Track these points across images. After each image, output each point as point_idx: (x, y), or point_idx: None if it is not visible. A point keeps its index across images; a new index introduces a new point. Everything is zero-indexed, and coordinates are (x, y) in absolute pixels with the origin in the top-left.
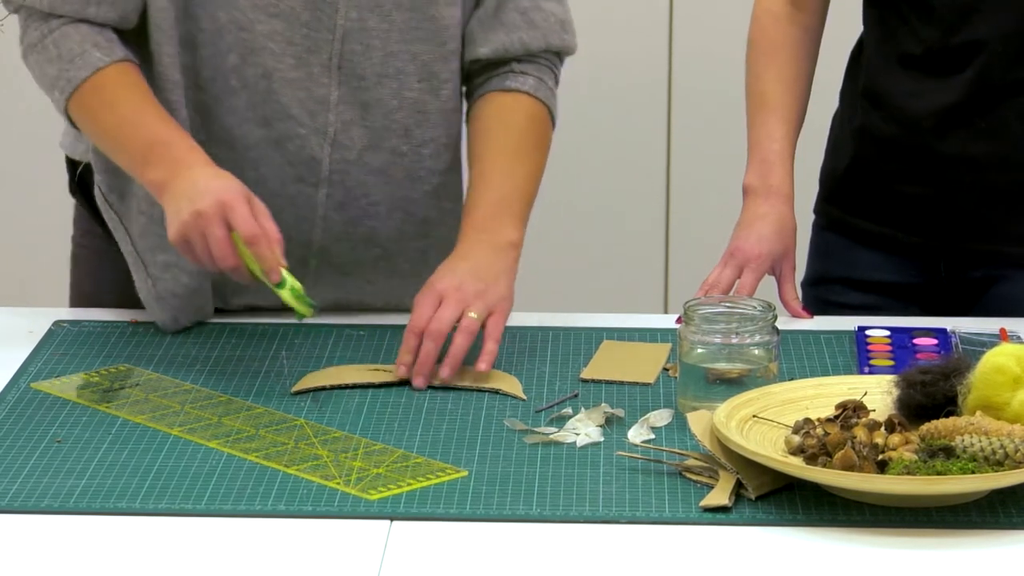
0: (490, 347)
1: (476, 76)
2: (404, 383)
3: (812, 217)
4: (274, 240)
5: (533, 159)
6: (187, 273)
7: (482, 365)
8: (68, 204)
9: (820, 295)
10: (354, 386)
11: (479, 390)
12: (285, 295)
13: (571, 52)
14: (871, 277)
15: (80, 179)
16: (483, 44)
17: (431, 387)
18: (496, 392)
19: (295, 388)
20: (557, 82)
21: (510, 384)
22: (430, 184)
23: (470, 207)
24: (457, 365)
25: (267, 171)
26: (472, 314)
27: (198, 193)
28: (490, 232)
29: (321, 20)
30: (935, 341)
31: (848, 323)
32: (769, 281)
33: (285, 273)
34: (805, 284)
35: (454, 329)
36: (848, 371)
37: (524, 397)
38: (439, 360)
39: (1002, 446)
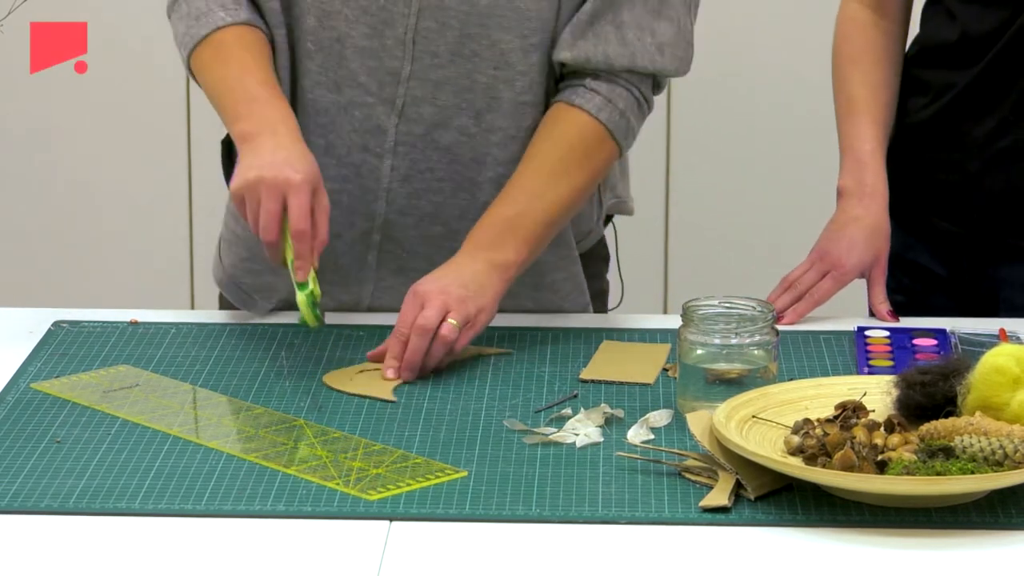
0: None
1: (561, 80)
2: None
3: None
4: (319, 240)
5: (570, 181)
6: (251, 273)
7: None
8: (68, 203)
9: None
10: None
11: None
12: (301, 298)
13: (667, 76)
14: (908, 257)
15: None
16: (568, 49)
17: (431, 388)
18: (479, 356)
19: (327, 378)
20: (645, 104)
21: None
22: (495, 171)
23: (483, 221)
24: (417, 368)
25: (335, 138)
26: (452, 321)
27: (274, 161)
28: (489, 251)
29: None
30: (934, 341)
31: (848, 323)
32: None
33: (312, 277)
34: None
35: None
36: (848, 371)
37: (509, 351)
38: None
39: (1002, 446)
